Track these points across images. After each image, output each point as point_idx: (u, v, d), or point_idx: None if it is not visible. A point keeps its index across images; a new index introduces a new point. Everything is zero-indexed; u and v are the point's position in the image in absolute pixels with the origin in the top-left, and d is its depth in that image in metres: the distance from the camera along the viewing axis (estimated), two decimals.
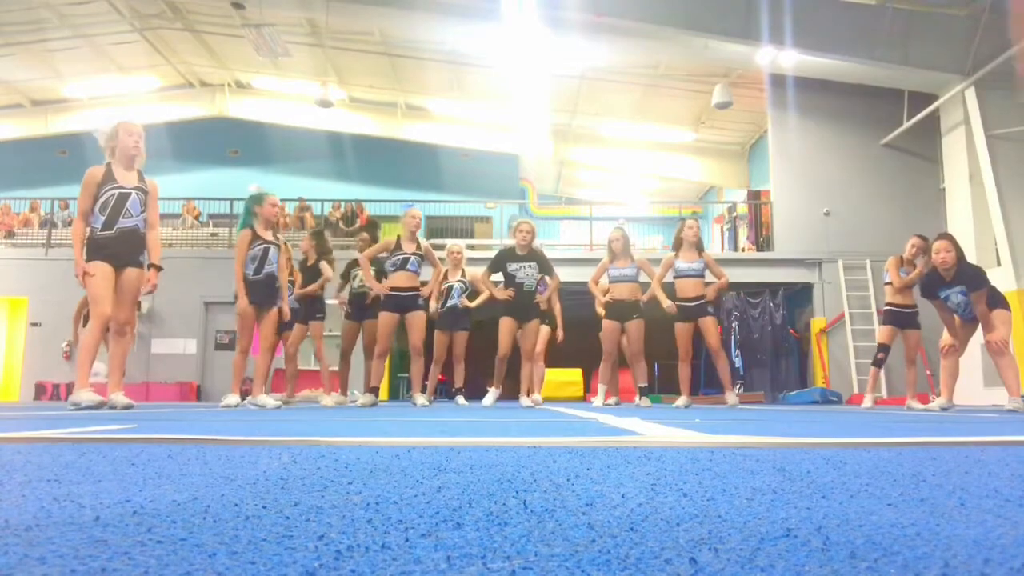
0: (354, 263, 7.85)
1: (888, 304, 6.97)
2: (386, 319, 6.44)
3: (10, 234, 14.72)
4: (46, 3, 13.83)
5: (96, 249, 4.64)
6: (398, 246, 6.57)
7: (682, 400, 6.87)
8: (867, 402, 7.09)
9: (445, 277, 7.51)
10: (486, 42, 13.13)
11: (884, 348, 7.07)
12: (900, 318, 6.91)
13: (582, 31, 11.41)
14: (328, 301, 8.05)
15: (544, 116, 16.48)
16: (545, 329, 7.96)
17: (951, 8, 10.85)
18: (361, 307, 7.72)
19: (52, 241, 13.97)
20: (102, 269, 4.60)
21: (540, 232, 6.45)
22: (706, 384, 15.48)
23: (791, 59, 11.54)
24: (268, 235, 5.86)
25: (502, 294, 6.52)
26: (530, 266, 6.51)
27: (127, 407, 4.54)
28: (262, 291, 5.68)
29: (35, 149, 18.48)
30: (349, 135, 18.48)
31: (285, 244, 6.21)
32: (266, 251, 5.79)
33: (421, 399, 6.52)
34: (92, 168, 4.68)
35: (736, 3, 11.17)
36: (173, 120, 18.68)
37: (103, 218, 4.63)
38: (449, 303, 7.57)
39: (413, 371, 6.71)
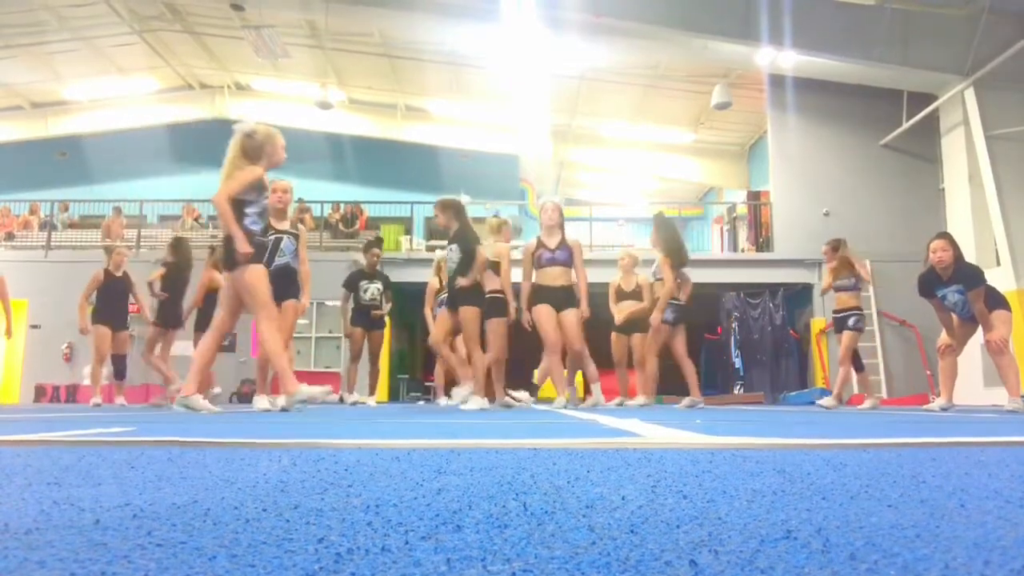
0: (359, 274, 8.05)
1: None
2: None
3: (10, 236, 14.72)
4: (46, 5, 13.84)
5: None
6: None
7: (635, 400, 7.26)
8: (831, 403, 7.15)
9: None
10: (486, 43, 13.13)
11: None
12: (839, 321, 7.14)
13: (581, 32, 11.41)
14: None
15: (544, 117, 16.49)
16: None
17: (950, 8, 10.85)
18: (369, 317, 8.04)
19: (52, 243, 13.97)
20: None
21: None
22: (706, 384, 15.49)
23: (790, 60, 11.54)
24: (284, 224, 5.68)
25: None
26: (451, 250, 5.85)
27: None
28: (273, 284, 5.01)
29: (35, 151, 18.47)
30: (349, 136, 18.49)
31: (302, 227, 6.00)
32: (277, 241, 5.56)
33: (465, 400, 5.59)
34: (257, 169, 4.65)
35: (735, 4, 11.18)
36: (173, 122, 18.69)
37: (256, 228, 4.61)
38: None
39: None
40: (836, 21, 11.14)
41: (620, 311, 7.73)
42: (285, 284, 5.49)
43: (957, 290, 5.76)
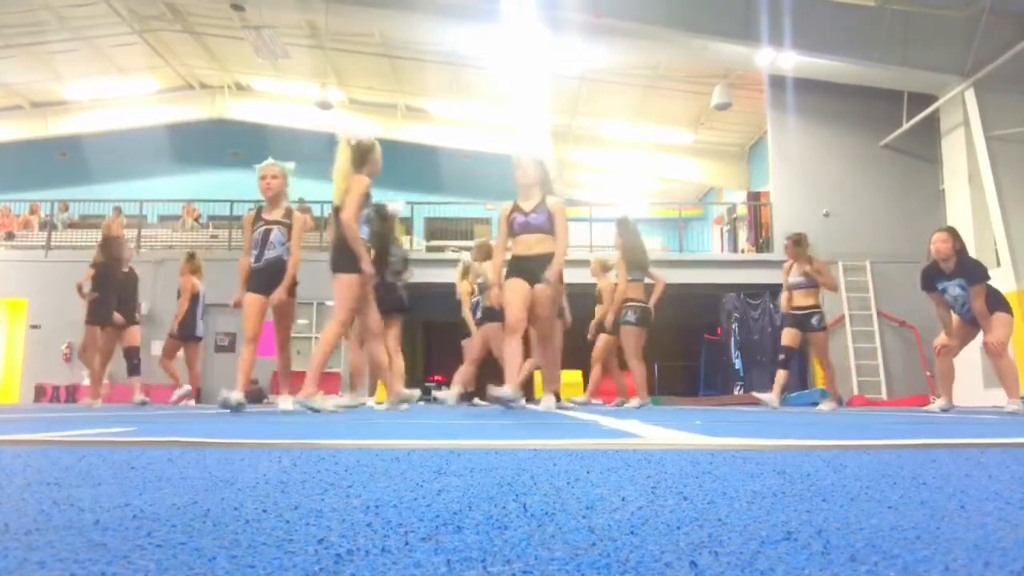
0: None
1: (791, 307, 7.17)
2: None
3: (10, 236, 14.72)
4: (46, 5, 13.84)
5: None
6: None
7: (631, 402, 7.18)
8: (773, 402, 7.14)
9: None
10: (486, 43, 13.14)
11: (786, 350, 7.16)
12: (800, 320, 7.07)
13: (581, 32, 11.41)
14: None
15: (544, 117, 16.49)
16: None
17: (950, 9, 10.86)
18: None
19: (52, 243, 13.97)
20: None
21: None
22: (706, 385, 15.49)
23: (790, 60, 11.54)
24: (275, 214, 5.12)
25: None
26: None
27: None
28: (263, 280, 5.02)
29: (35, 151, 18.48)
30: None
31: (299, 214, 5.34)
32: (266, 233, 5.06)
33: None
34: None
35: (735, 4, 11.18)
36: (173, 122, 18.69)
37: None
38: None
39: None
40: (836, 22, 11.14)
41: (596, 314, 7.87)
42: (274, 279, 5.05)
43: (959, 284, 5.74)
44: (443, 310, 10.74)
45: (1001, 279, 10.39)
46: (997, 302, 5.70)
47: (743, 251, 14.65)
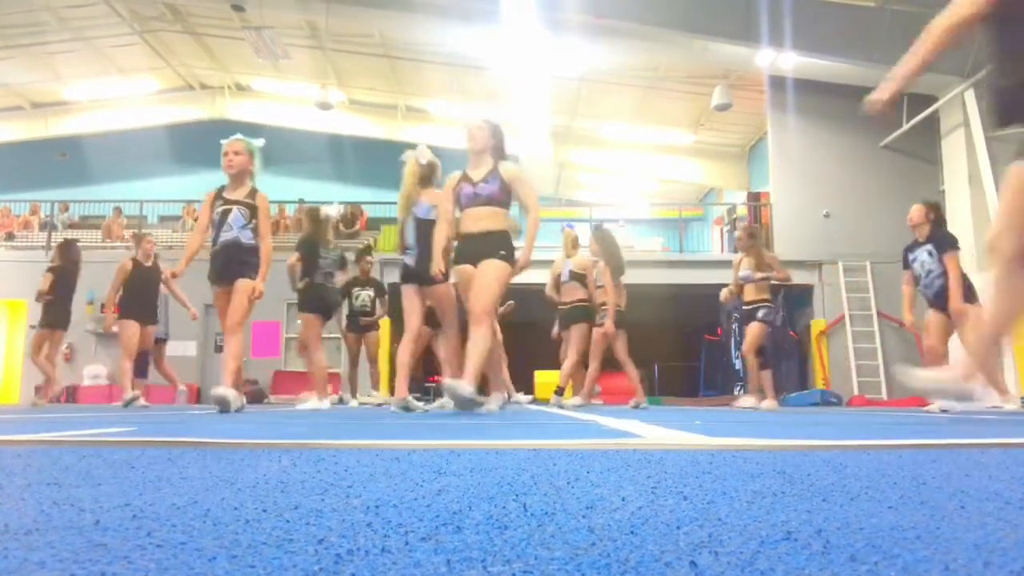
0: (352, 280, 8.17)
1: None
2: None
3: (10, 236, 14.72)
4: (46, 6, 13.85)
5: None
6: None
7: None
8: (747, 402, 7.16)
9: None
10: (486, 44, 13.14)
11: (759, 350, 7.25)
12: (750, 315, 7.18)
13: (582, 33, 11.42)
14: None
15: (544, 118, 16.49)
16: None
17: None
18: (359, 323, 8.22)
19: (52, 244, 13.96)
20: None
21: (539, 234, 4.76)
22: (706, 385, 15.48)
23: (790, 61, 11.55)
24: (237, 194, 4.77)
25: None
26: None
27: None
28: (219, 264, 4.73)
29: (35, 151, 18.48)
30: (349, 137, 18.49)
31: (262, 196, 4.88)
32: (224, 214, 4.73)
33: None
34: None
35: (735, 5, 11.19)
36: (173, 122, 18.69)
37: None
38: None
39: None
40: (836, 23, 11.15)
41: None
42: (230, 262, 4.69)
43: (928, 250, 5.78)
44: None
45: None
46: (970, 294, 5.72)
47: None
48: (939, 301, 5.76)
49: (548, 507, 0.71)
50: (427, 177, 5.17)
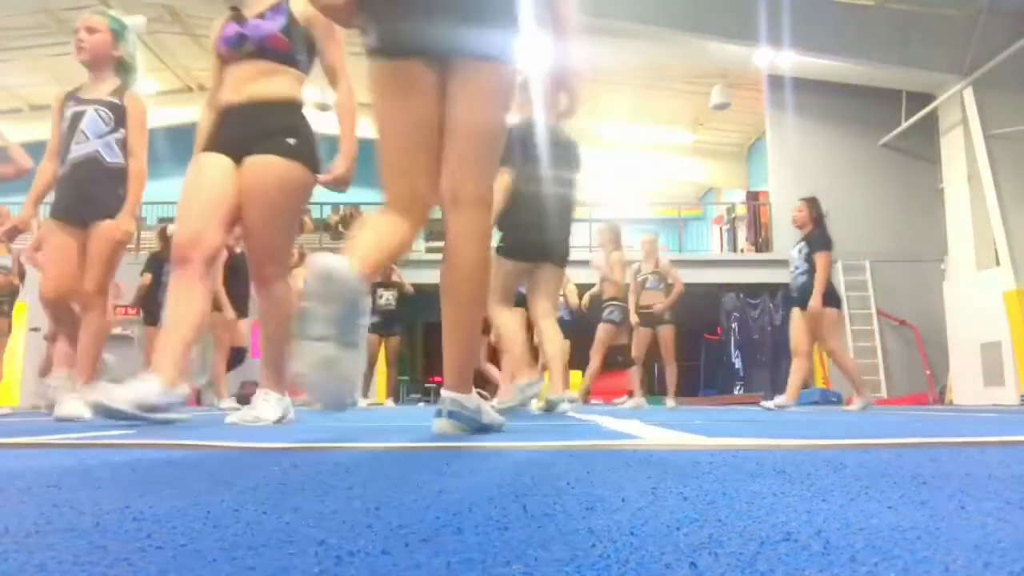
0: (377, 282, 8.19)
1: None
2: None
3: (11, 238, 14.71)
4: (44, 8, 13.84)
5: None
6: None
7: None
8: (629, 403, 7.28)
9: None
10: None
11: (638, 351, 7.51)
12: (645, 318, 7.38)
13: (580, 32, 11.41)
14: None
15: (542, 117, 16.47)
16: None
17: (948, 8, 10.87)
18: (383, 323, 8.18)
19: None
20: None
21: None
22: (706, 385, 15.49)
23: (789, 60, 11.55)
24: (96, 91, 3.48)
25: None
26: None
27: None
28: (67, 191, 3.39)
29: (34, 154, 18.31)
30: None
31: (133, 96, 3.54)
32: (76, 118, 3.40)
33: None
34: None
35: (734, 4, 11.19)
36: (172, 124, 18.67)
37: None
38: None
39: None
40: (835, 22, 11.15)
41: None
42: (83, 188, 3.34)
43: (800, 247, 5.97)
44: None
45: (1000, 279, 10.40)
46: (832, 299, 5.81)
47: (742, 251, 14.65)
48: (799, 299, 5.91)
49: (548, 508, 0.71)
50: None
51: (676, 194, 20.37)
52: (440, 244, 2.04)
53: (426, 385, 15.01)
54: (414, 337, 15.91)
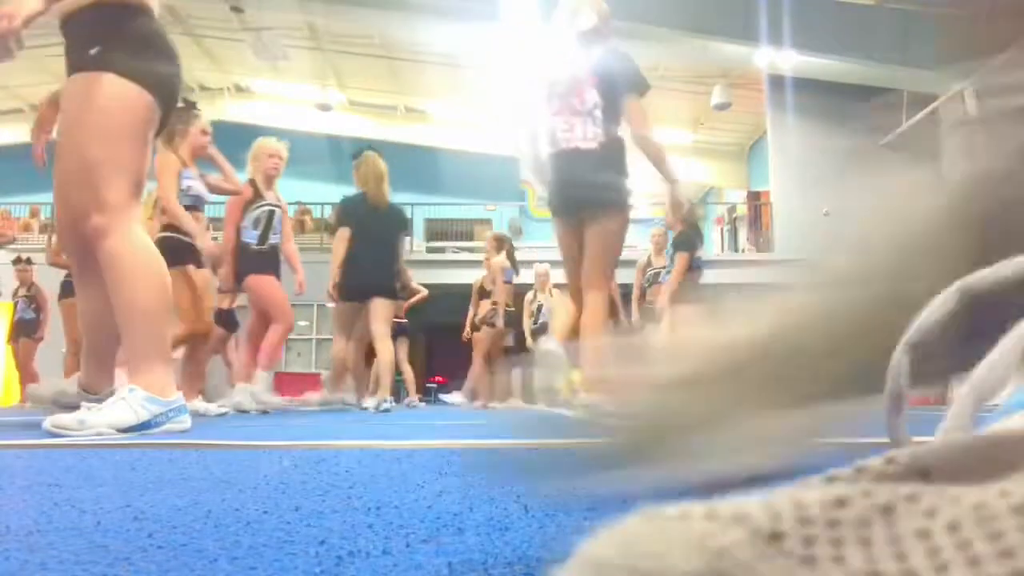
0: None
1: None
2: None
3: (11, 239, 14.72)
4: None
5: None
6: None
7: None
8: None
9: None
10: (485, 44, 13.14)
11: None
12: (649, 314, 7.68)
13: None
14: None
15: (543, 117, 16.48)
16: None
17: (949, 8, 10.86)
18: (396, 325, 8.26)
19: (52, 246, 13.97)
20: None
21: (538, 233, 5.52)
22: None
23: (790, 60, 11.54)
24: (272, 195, 4.98)
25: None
26: None
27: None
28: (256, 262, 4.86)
29: (29, 154, 18.46)
30: (349, 138, 18.50)
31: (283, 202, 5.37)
32: (270, 215, 4.96)
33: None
34: None
35: (734, 4, 11.19)
36: None
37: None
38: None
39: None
40: (835, 21, 11.15)
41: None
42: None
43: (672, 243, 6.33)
44: (444, 311, 10.76)
45: None
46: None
47: (743, 251, 14.64)
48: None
49: (549, 508, 0.71)
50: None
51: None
52: (440, 244, 2.06)
53: (427, 385, 15.01)
54: (413, 338, 15.91)
